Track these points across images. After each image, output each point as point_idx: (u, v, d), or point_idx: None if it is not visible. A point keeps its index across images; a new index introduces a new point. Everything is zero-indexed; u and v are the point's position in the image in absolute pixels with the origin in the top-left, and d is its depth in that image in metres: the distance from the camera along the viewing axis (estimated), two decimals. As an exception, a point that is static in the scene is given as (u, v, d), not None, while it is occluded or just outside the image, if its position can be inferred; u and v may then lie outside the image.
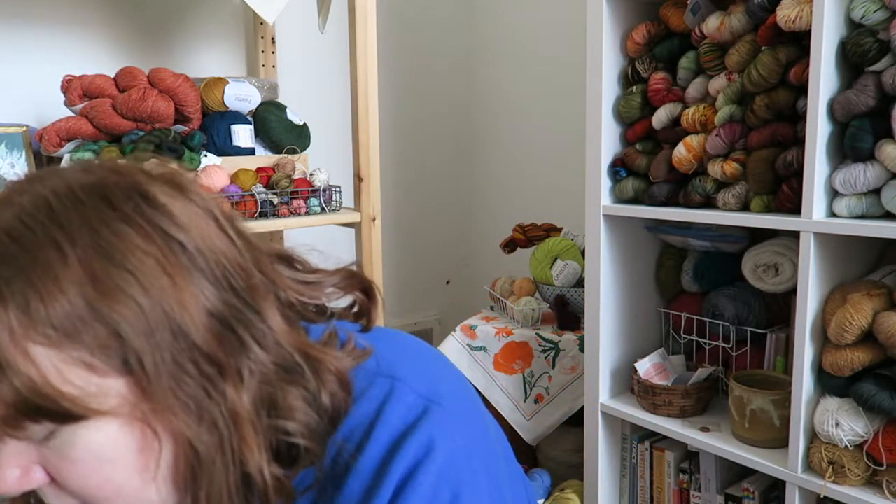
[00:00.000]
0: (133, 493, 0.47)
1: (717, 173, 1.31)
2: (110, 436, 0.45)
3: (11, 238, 0.42)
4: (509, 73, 2.40)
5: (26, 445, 0.45)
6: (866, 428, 1.13)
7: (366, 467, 0.51)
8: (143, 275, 0.43)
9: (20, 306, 0.41)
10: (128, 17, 1.64)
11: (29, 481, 0.46)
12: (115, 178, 0.46)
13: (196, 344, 0.44)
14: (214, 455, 0.46)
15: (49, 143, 1.24)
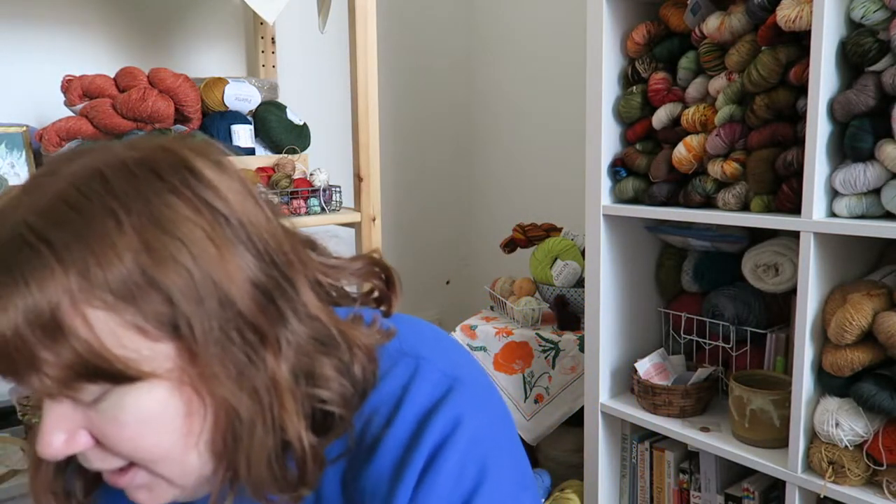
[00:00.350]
0: (176, 457, 0.49)
1: (717, 173, 1.31)
2: (159, 399, 0.46)
3: (69, 205, 0.43)
4: (509, 73, 2.40)
5: (73, 409, 0.47)
6: (866, 428, 1.13)
7: (394, 442, 0.52)
8: (192, 244, 0.44)
9: (80, 271, 0.42)
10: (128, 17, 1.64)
11: (74, 445, 0.47)
12: (163, 153, 0.47)
13: (241, 312, 0.46)
14: (256, 420, 0.47)
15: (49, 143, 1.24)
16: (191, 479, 0.51)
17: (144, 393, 0.46)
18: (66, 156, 0.47)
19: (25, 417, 1.30)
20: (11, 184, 1.26)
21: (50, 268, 0.42)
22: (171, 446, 0.48)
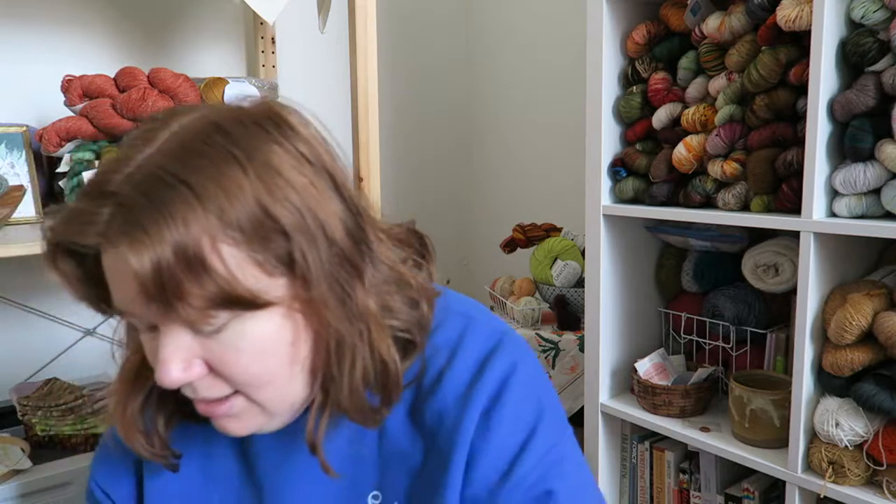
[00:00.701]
0: (281, 382, 0.54)
1: (717, 173, 1.31)
2: (273, 327, 0.51)
3: (197, 153, 0.48)
4: (509, 73, 2.40)
5: (191, 339, 0.51)
6: (866, 428, 1.13)
7: (456, 380, 0.59)
8: (301, 188, 0.50)
9: (215, 211, 0.47)
10: (128, 17, 1.64)
11: (190, 373, 0.51)
12: (263, 110, 0.53)
13: (341, 248, 0.52)
14: (355, 343, 0.53)
15: (49, 143, 1.23)
16: (285, 405, 0.56)
17: (262, 322, 0.51)
18: (167, 113, 0.52)
19: (25, 417, 1.30)
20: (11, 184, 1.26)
21: (192, 207, 0.46)
22: (278, 371, 0.53)
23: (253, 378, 0.53)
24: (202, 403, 0.54)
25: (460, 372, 0.60)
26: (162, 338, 0.51)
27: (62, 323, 1.60)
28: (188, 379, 0.51)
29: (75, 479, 1.24)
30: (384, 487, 0.61)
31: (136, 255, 0.45)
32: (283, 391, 0.54)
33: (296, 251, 0.49)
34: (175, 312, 0.48)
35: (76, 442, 1.28)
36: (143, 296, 0.47)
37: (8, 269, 1.52)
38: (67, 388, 1.39)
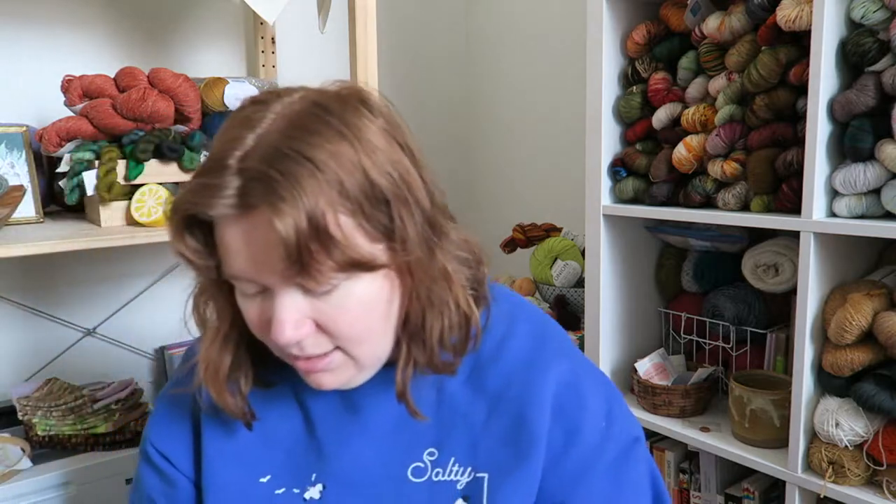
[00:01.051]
0: (376, 337, 0.61)
1: (717, 173, 1.31)
2: (375, 287, 0.58)
3: (310, 131, 0.54)
4: (509, 74, 2.40)
5: (304, 300, 0.56)
6: (866, 428, 1.13)
7: (519, 348, 0.68)
8: (394, 160, 0.56)
9: (335, 185, 0.52)
10: (128, 17, 1.64)
11: (301, 332, 0.57)
12: (352, 91, 0.59)
13: (429, 214, 0.59)
14: (442, 299, 0.61)
15: (49, 143, 1.23)
16: (374, 359, 0.62)
17: (366, 283, 0.57)
18: (264, 97, 0.58)
19: (25, 417, 1.30)
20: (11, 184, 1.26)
21: (317, 180, 0.52)
22: (376, 328, 0.60)
23: (355, 334, 0.58)
24: (302, 360, 0.59)
25: (520, 342, 0.69)
26: (278, 300, 0.56)
27: (62, 323, 1.60)
28: (300, 337, 0.57)
29: (75, 479, 1.24)
30: (441, 445, 0.67)
31: (281, 222, 0.51)
32: (376, 346, 0.61)
33: (395, 217, 0.56)
34: (301, 275, 0.53)
35: (76, 442, 1.28)
36: (277, 260, 0.52)
37: (8, 269, 1.52)
38: (67, 388, 1.39)
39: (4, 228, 1.20)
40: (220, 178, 0.53)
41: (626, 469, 0.68)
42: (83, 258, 1.61)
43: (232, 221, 0.54)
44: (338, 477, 0.67)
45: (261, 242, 0.53)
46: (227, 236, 0.55)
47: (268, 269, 0.54)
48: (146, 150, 1.24)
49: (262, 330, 0.59)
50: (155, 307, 1.73)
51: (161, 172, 1.27)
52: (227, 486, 0.68)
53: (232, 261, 0.56)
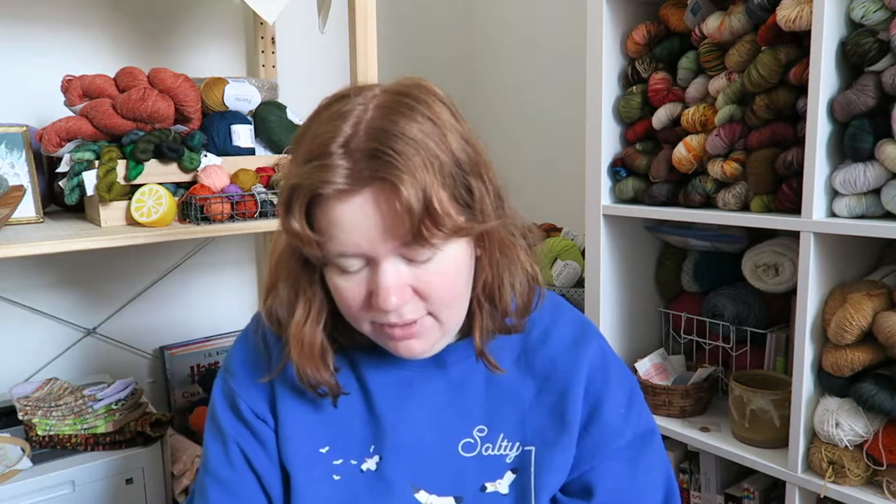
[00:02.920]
0: (461, 301, 0.68)
1: (717, 173, 1.31)
2: (462, 253, 0.66)
3: (404, 117, 0.61)
4: (509, 73, 2.40)
5: (406, 269, 0.63)
6: (866, 428, 1.13)
7: (565, 333, 0.77)
8: (468, 141, 0.65)
9: (435, 163, 0.60)
10: (128, 17, 1.64)
11: (404, 298, 0.63)
12: (422, 84, 0.66)
13: (496, 188, 0.67)
14: (512, 263, 0.70)
15: (49, 143, 1.23)
16: (456, 323, 0.69)
17: (456, 249, 0.65)
18: (344, 93, 0.65)
19: (25, 417, 1.30)
20: (11, 184, 1.26)
21: (421, 157, 0.59)
22: (462, 290, 0.67)
23: (447, 297, 0.65)
24: (398, 329, 0.65)
25: (565, 330, 0.77)
26: (383, 271, 0.63)
27: (62, 323, 1.60)
28: (403, 303, 0.63)
29: (75, 479, 1.24)
30: (491, 422, 0.74)
31: (400, 195, 0.58)
32: (459, 309, 0.68)
33: (475, 189, 0.63)
34: (412, 244, 0.61)
35: (76, 442, 1.28)
36: (391, 230, 0.60)
37: (8, 269, 1.52)
38: (67, 388, 1.39)
39: (4, 228, 1.20)
40: (331, 160, 0.59)
41: (642, 455, 0.75)
42: (83, 258, 1.61)
43: (344, 199, 0.60)
44: (394, 449, 0.73)
45: (375, 216, 0.60)
46: (338, 214, 0.61)
47: (379, 241, 0.61)
48: (146, 150, 1.24)
49: (358, 306, 0.65)
50: (155, 307, 1.73)
51: (161, 172, 1.27)
52: (295, 451, 0.73)
53: (343, 237, 0.62)
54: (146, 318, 1.72)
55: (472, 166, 0.64)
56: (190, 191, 1.28)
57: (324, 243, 0.63)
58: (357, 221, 0.61)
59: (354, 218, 0.61)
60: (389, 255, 0.62)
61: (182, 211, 1.29)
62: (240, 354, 0.79)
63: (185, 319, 1.78)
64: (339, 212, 0.61)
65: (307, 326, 0.70)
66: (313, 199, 0.62)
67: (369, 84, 0.66)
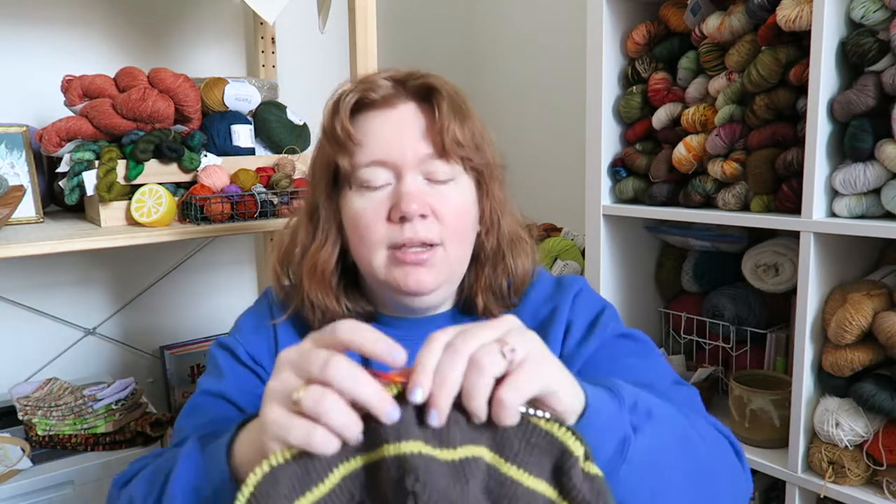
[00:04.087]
0: (467, 242, 0.77)
1: (717, 173, 1.31)
2: (470, 194, 0.76)
3: (456, 89, 0.76)
4: (509, 73, 2.40)
5: (425, 185, 0.72)
6: (866, 428, 1.13)
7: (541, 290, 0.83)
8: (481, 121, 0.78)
9: (456, 98, 0.74)
10: (128, 17, 1.64)
11: (424, 208, 0.71)
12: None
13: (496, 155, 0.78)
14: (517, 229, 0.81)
15: (49, 143, 1.23)
16: (460, 267, 0.77)
17: (465, 188, 0.75)
18: (408, 73, 0.78)
19: (25, 417, 1.30)
20: (11, 184, 1.26)
21: (453, 97, 0.74)
22: (469, 230, 0.76)
23: (459, 225, 0.74)
24: (411, 255, 0.72)
25: (543, 286, 0.83)
26: (407, 181, 0.71)
27: (62, 323, 1.60)
28: (422, 210, 0.71)
29: (75, 479, 1.24)
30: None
31: (440, 109, 0.71)
32: (464, 252, 0.76)
33: (481, 139, 0.75)
34: (436, 160, 0.72)
35: (76, 442, 1.28)
36: (427, 140, 0.72)
37: (8, 269, 1.52)
38: (67, 388, 1.39)
39: (4, 228, 1.20)
40: (377, 79, 0.74)
41: (650, 346, 0.84)
42: (83, 258, 1.61)
43: (385, 108, 0.72)
44: None
45: (411, 127, 0.72)
46: (377, 123, 0.72)
47: (409, 150, 0.71)
48: (146, 150, 1.24)
49: (378, 225, 0.72)
50: (155, 307, 1.73)
51: (161, 172, 1.27)
52: None
53: (376, 146, 0.72)
54: (146, 318, 1.72)
55: (479, 121, 0.76)
56: (190, 191, 1.28)
57: (357, 151, 0.72)
58: (393, 131, 0.72)
59: (391, 128, 0.72)
60: (414, 169, 0.71)
61: (182, 211, 1.29)
62: (246, 317, 0.86)
63: (185, 319, 1.78)
64: (379, 120, 0.72)
65: (322, 252, 0.77)
66: (357, 106, 0.72)
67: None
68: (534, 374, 0.47)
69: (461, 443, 0.46)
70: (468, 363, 0.46)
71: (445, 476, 0.45)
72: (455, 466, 0.46)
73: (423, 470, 0.44)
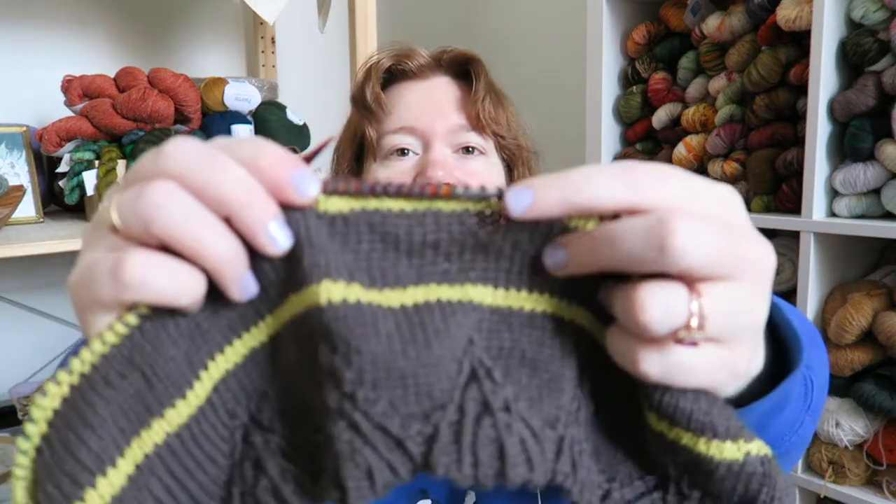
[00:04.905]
0: None
1: (717, 173, 1.31)
2: (498, 170, 0.73)
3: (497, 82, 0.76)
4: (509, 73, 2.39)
5: (452, 156, 0.70)
6: (866, 428, 1.13)
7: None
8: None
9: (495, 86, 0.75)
10: (128, 17, 1.64)
11: (449, 174, 0.68)
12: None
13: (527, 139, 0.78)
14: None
15: (49, 143, 1.23)
16: None
17: (496, 165, 0.73)
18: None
19: (25, 417, 1.30)
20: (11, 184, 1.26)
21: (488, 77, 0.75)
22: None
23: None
24: None
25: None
26: (435, 150, 0.69)
27: (62, 323, 1.60)
28: (445, 177, 0.67)
29: (75, 479, 1.23)
30: None
31: (477, 81, 0.71)
32: None
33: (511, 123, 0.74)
34: (469, 131, 0.70)
35: (76, 442, 1.28)
36: (460, 110, 0.70)
37: (8, 269, 1.52)
38: (67, 388, 1.39)
39: (4, 228, 1.20)
40: (413, 49, 0.71)
41: None
42: (83, 258, 1.61)
43: (419, 79, 0.71)
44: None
45: (444, 97, 0.70)
46: (410, 92, 0.71)
47: (440, 118, 0.69)
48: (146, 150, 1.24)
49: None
50: (155, 307, 1.73)
51: (161, 172, 1.27)
52: None
53: (407, 114, 0.69)
54: (146, 318, 1.72)
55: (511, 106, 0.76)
56: (190, 191, 1.28)
57: (386, 119, 0.70)
58: (425, 99, 0.70)
59: (423, 95, 0.70)
60: (444, 140, 0.69)
61: (182, 211, 1.29)
62: None
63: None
64: (411, 90, 0.71)
65: None
66: (390, 76, 0.71)
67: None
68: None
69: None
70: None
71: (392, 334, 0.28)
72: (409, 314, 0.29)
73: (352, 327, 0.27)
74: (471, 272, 0.30)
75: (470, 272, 0.30)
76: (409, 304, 0.29)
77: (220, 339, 0.29)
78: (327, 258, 0.27)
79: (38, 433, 0.26)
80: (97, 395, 0.26)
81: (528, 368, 0.30)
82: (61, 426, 0.26)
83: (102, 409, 0.26)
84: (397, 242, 0.29)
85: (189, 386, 0.28)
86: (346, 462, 0.26)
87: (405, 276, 0.29)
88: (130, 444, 0.27)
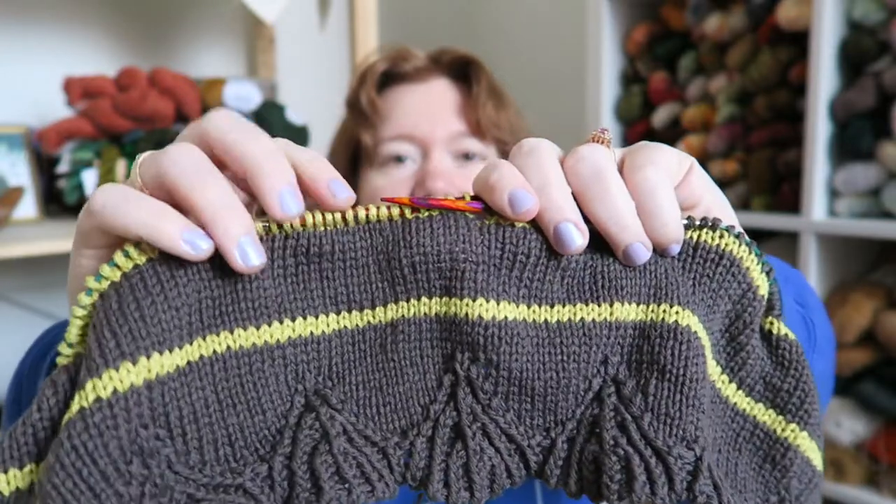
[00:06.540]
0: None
1: (717, 173, 1.31)
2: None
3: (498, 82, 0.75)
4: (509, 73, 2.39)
5: (451, 161, 0.68)
6: (866, 428, 1.13)
7: None
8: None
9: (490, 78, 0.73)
10: (128, 17, 1.64)
11: (449, 184, 0.67)
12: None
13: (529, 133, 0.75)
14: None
15: (49, 143, 1.23)
16: None
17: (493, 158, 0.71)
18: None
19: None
20: (11, 184, 1.26)
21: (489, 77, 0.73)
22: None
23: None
24: None
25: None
26: (435, 157, 0.66)
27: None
28: (445, 188, 0.66)
29: (75, 479, 1.23)
30: None
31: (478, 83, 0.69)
32: None
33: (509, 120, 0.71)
34: (469, 137, 0.67)
35: (76, 442, 1.28)
36: (460, 116, 0.67)
37: (8, 269, 1.52)
38: (67, 388, 1.38)
39: (4, 228, 1.20)
40: (411, 52, 0.69)
41: None
42: (83, 258, 1.61)
43: (417, 81, 0.68)
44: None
45: (443, 100, 0.68)
46: (408, 96, 0.68)
47: (439, 125, 0.66)
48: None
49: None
50: (155, 307, 1.73)
51: (161, 172, 1.27)
52: None
53: (405, 120, 0.67)
54: (146, 318, 1.72)
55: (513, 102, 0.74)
56: (190, 191, 1.28)
57: (382, 125, 0.67)
58: (423, 104, 0.67)
59: (421, 100, 0.68)
60: (443, 147, 0.67)
61: (182, 211, 1.29)
62: None
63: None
64: (408, 94, 0.68)
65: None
66: (386, 79, 0.69)
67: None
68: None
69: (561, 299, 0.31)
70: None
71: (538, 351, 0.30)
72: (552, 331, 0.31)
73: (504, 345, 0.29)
74: (620, 290, 0.32)
75: (618, 291, 0.32)
76: (553, 322, 0.31)
77: (320, 305, 0.30)
78: (486, 277, 0.30)
79: (108, 286, 0.27)
80: (175, 280, 0.27)
81: (668, 382, 0.31)
82: (130, 291, 0.26)
83: (176, 294, 0.27)
84: (558, 262, 0.32)
85: (268, 322, 0.29)
86: (473, 462, 0.29)
87: (556, 293, 0.31)
88: (192, 341, 0.28)
